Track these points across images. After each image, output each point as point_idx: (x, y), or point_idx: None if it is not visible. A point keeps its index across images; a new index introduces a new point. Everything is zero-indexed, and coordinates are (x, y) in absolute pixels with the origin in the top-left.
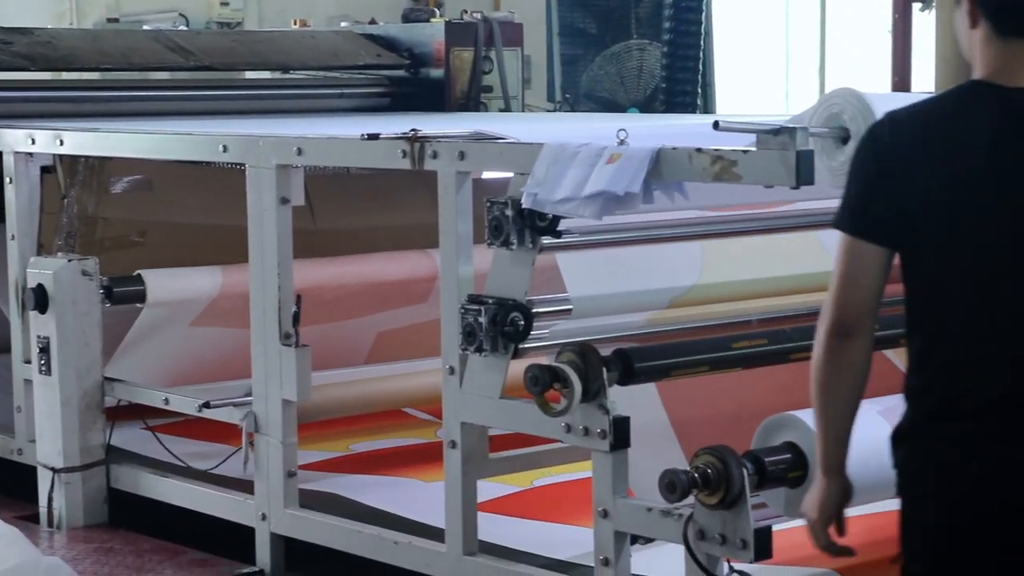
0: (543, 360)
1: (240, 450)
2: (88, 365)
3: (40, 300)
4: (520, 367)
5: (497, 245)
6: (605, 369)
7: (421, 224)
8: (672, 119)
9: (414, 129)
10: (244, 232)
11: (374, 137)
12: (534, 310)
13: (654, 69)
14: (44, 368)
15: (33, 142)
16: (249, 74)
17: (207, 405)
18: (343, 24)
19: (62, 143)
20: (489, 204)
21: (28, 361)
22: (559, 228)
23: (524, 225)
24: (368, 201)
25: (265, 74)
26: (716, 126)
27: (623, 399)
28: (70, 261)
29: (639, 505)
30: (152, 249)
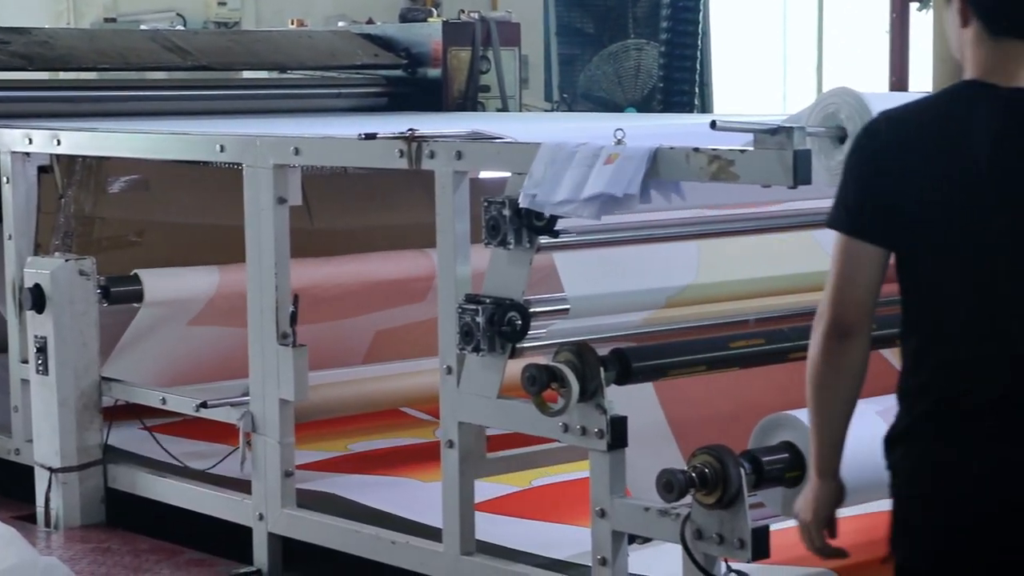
0: (540, 360)
1: (237, 450)
2: (85, 365)
3: (37, 300)
4: (517, 367)
5: (494, 245)
6: (602, 369)
7: (418, 224)
8: (669, 119)
9: (411, 129)
10: (241, 232)
11: (371, 137)
12: (531, 310)
13: (651, 69)
14: (41, 368)
15: (30, 142)
16: (246, 74)
17: (204, 405)
18: (340, 24)
19: (59, 143)
20: (486, 204)
21: (25, 361)
22: (556, 228)
23: (521, 225)
24: (365, 201)
25: (262, 74)
26: (713, 126)
27: (620, 399)
28: (67, 261)
29: (636, 505)
30: (149, 249)
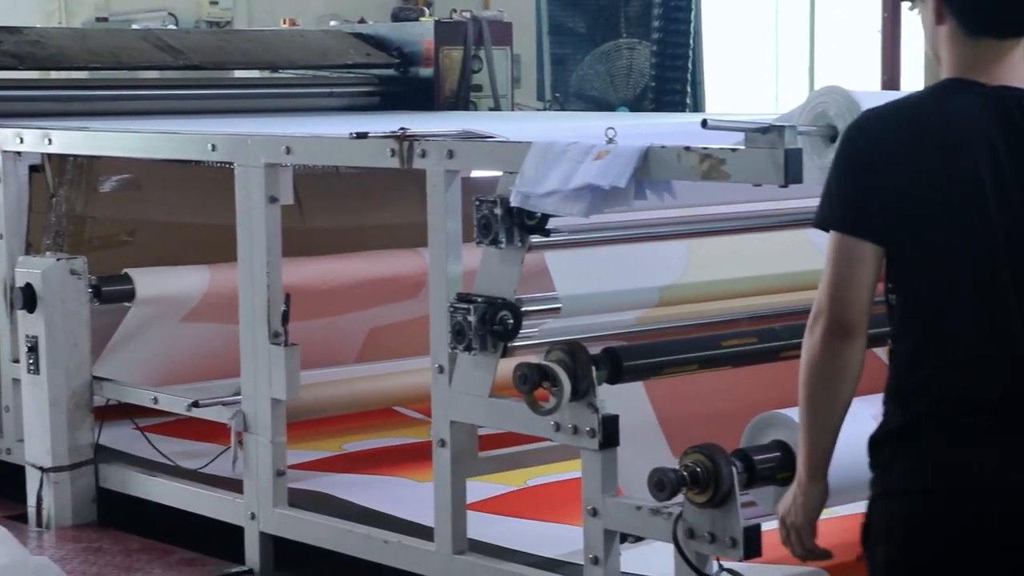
0: (532, 359)
1: (229, 449)
2: (77, 364)
3: (28, 299)
4: (509, 366)
5: (486, 244)
6: (594, 367)
7: (410, 223)
8: (661, 118)
9: (403, 128)
10: (233, 231)
11: (363, 136)
12: (523, 309)
13: (643, 68)
14: (32, 367)
15: (21, 141)
16: (238, 73)
17: (196, 404)
18: (332, 23)
19: (50, 142)
20: (478, 203)
21: (16, 360)
22: (548, 227)
23: (513, 224)
24: (357, 200)
25: (254, 73)
26: (705, 124)
27: (612, 398)
28: (58, 260)
29: (628, 504)
30: (140, 248)
